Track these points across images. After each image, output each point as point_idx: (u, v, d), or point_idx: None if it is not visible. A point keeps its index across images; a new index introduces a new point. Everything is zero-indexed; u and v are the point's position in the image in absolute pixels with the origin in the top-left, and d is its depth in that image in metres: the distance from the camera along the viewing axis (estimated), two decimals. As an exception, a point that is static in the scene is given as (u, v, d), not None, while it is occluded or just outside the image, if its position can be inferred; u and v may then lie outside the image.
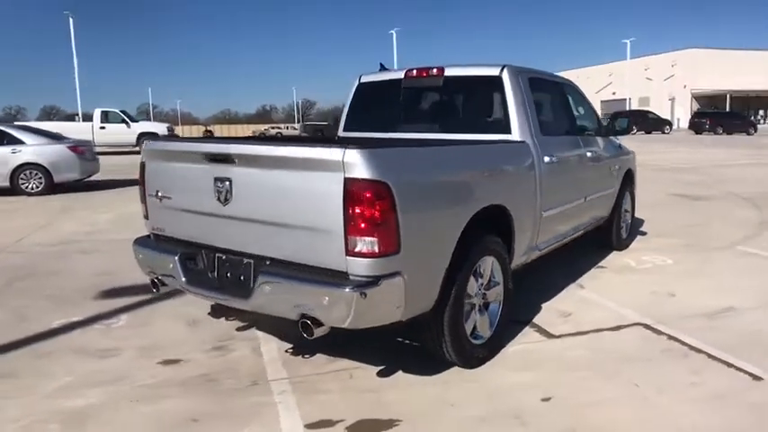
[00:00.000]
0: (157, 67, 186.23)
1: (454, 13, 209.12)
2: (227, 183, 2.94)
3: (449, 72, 4.25)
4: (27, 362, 3.56)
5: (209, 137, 31.91)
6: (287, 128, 67.00)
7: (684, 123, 45.99)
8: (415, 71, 4.43)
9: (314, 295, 2.62)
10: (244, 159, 2.88)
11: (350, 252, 2.55)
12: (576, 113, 5.05)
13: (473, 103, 4.31)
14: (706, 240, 6.73)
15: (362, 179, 2.49)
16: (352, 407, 2.94)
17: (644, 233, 7.04)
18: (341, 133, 4.88)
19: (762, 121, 46.97)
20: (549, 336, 3.87)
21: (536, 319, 4.15)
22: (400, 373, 3.33)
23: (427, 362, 3.36)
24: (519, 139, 3.91)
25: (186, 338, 3.89)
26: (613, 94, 61.95)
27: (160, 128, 26.88)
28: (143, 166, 3.49)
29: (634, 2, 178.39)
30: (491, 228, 3.42)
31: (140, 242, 3.59)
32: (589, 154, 5.00)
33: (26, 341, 3.87)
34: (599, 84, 63.01)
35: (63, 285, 5.16)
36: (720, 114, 40.60)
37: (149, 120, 55.00)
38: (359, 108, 4.81)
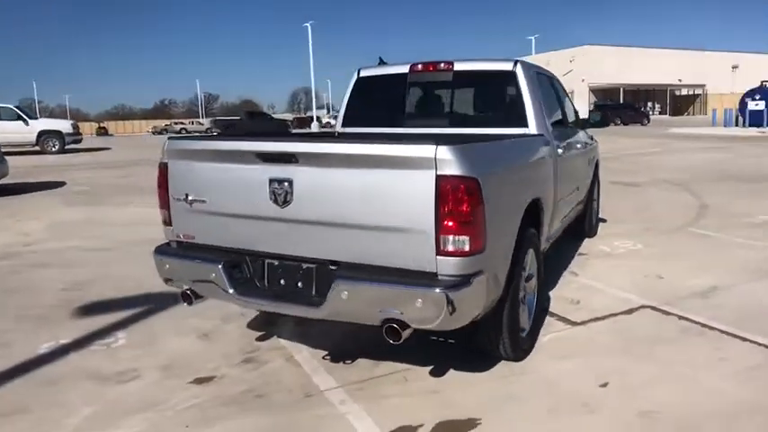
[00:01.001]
0: (43, 59, 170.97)
1: (360, 11, 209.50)
2: (286, 183, 2.74)
3: (459, 67, 4.24)
4: (34, 393, 3.15)
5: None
6: (191, 123, 64.14)
7: (583, 115, 49.16)
8: (421, 65, 4.38)
9: (406, 298, 2.52)
10: (310, 158, 2.70)
11: (441, 251, 2.48)
12: (565, 106, 5.23)
13: (486, 97, 4.33)
14: (660, 224, 7.24)
15: (456, 176, 2.41)
16: (424, 410, 2.87)
17: (604, 220, 7.44)
18: (339, 129, 4.72)
19: (651, 112, 51.21)
20: (573, 323, 3.99)
21: (552, 308, 4.26)
22: (452, 371, 3.29)
23: (468, 359, 3.36)
24: (537, 132, 3.98)
25: (206, 354, 3.61)
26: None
27: (64, 125, 24.79)
28: (164, 166, 3.18)
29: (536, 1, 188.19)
30: (529, 221, 3.46)
31: (166, 251, 3.27)
32: (579, 145, 5.20)
33: (21, 369, 3.42)
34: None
35: (30, 304, 4.61)
36: (617, 106, 43.83)
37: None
38: (359, 103, 4.67)
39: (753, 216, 7.55)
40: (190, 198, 3.08)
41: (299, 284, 2.91)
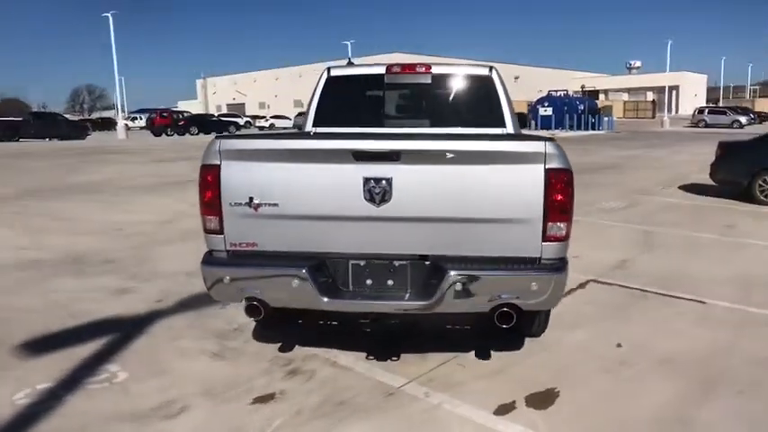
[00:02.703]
0: None
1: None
2: (385, 182, 2.71)
3: (436, 70, 4.48)
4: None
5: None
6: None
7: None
8: (398, 67, 4.51)
9: (522, 283, 2.70)
10: (415, 156, 2.71)
11: (546, 237, 2.72)
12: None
13: (465, 99, 4.61)
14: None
15: (559, 168, 2.68)
16: (504, 389, 3.08)
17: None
18: (310, 128, 4.60)
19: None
20: (551, 299, 4.52)
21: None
22: (494, 353, 3.54)
23: (487, 340, 3.62)
24: (512, 131, 4.41)
25: (240, 373, 3.32)
26: (329, 92, 66.74)
27: None
28: (214, 169, 2.86)
29: (353, 6, 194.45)
30: None
31: (223, 262, 2.93)
32: None
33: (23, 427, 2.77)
34: (315, 82, 66.99)
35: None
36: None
37: None
38: (332, 102, 4.61)
39: (598, 203, 9.05)
40: (256, 202, 2.83)
41: (390, 282, 2.89)
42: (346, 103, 4.67)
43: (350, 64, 4.84)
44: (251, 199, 2.83)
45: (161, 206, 9.23)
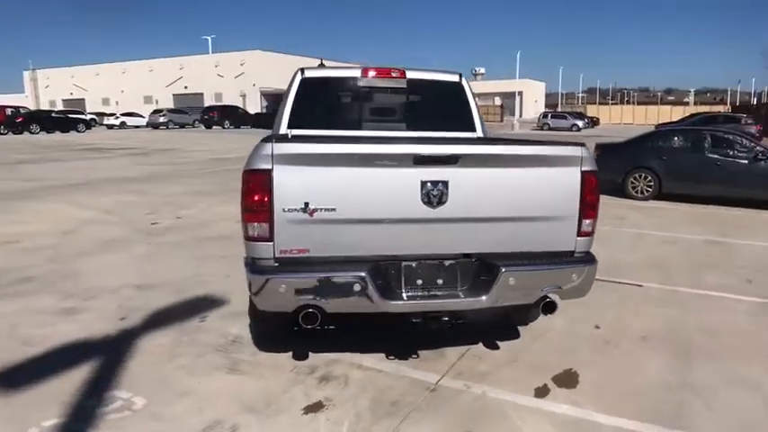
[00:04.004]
0: None
1: None
2: (441, 185, 2.81)
3: (410, 75, 4.62)
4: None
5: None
6: None
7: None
8: (373, 71, 4.58)
9: (565, 275, 2.97)
10: (471, 160, 2.83)
11: (580, 233, 3.03)
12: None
13: (438, 104, 4.78)
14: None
15: (591, 171, 3.00)
16: (528, 373, 3.37)
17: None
18: (284, 130, 4.49)
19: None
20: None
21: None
22: (500, 343, 3.80)
23: (483, 333, 3.91)
24: (482, 135, 4.72)
25: (270, 385, 3.21)
26: (185, 88, 62.99)
27: None
28: (267, 174, 2.73)
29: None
30: None
31: (276, 270, 2.78)
32: None
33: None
34: (170, 77, 62.88)
35: None
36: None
37: None
38: (307, 104, 4.53)
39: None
40: (311, 207, 2.76)
41: (440, 281, 2.99)
42: (322, 105, 4.63)
43: (321, 66, 4.78)
44: (306, 204, 2.76)
45: (54, 213, 8.22)
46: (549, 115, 46.96)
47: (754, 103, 60.53)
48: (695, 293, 4.89)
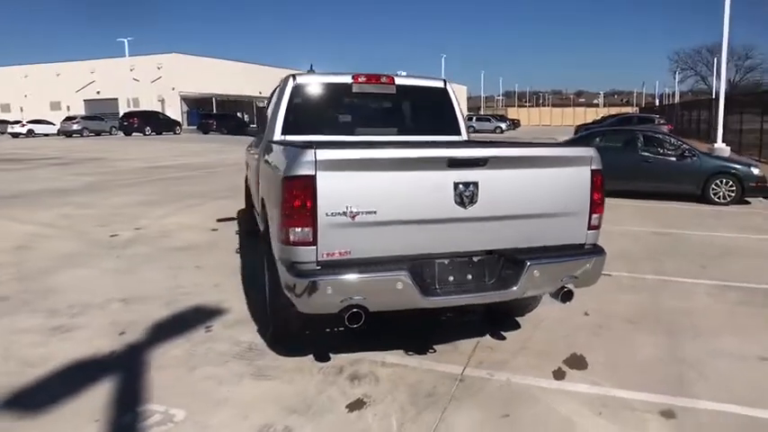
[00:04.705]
0: None
1: None
2: (472, 186, 3.00)
3: (399, 81, 4.80)
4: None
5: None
6: None
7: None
8: (363, 77, 4.71)
9: (580, 266, 3.24)
10: (498, 162, 3.04)
11: (590, 227, 3.32)
12: None
13: (426, 109, 4.97)
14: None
15: (598, 170, 3.30)
16: (540, 359, 3.63)
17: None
18: (279, 137, 4.51)
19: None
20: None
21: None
22: (506, 334, 4.05)
23: (493, 322, 4.19)
24: (466, 138, 4.98)
25: (304, 387, 3.27)
26: (98, 93, 59.65)
27: None
28: (310, 180, 2.80)
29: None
30: None
31: (322, 272, 2.85)
32: None
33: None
34: (79, 82, 59.28)
35: None
36: (222, 116, 45.80)
37: None
38: (300, 110, 4.59)
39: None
40: (353, 211, 2.86)
41: (469, 277, 3.17)
42: (316, 111, 4.70)
43: (311, 72, 4.84)
44: (348, 208, 2.86)
45: (-3, 230, 7.66)
46: (474, 118, 48.66)
47: (658, 104, 65.71)
48: (661, 279, 5.39)
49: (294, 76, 4.64)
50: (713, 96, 39.72)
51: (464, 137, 4.96)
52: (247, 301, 4.68)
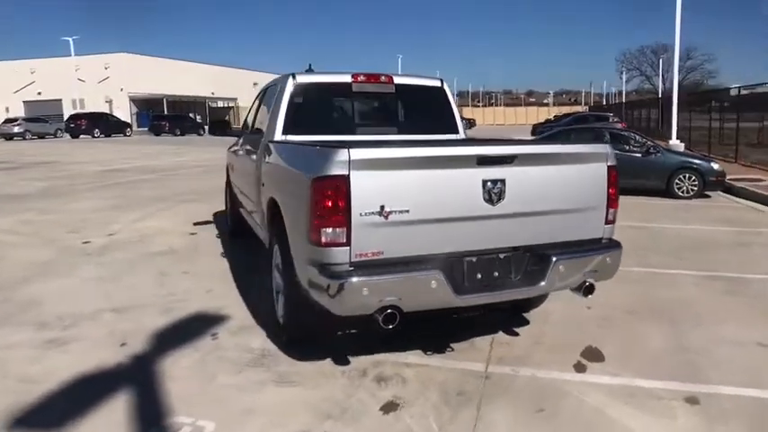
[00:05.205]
0: None
1: None
2: (500, 183, 3.02)
3: (398, 80, 4.78)
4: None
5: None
6: None
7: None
8: (363, 76, 4.67)
9: (601, 260, 3.30)
10: (524, 159, 3.06)
11: (607, 221, 3.40)
12: None
13: (425, 108, 4.95)
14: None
15: (613, 166, 3.38)
16: (558, 353, 3.69)
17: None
18: (280, 137, 4.41)
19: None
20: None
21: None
22: (518, 330, 4.10)
23: (502, 320, 4.26)
24: (464, 137, 5.01)
25: (331, 392, 3.20)
26: (39, 94, 56.87)
27: None
28: (344, 180, 2.74)
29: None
30: None
31: (357, 273, 2.79)
32: None
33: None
34: (18, 82, 56.33)
35: None
36: (176, 117, 44.49)
37: None
38: (300, 109, 4.50)
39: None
40: (387, 210, 2.82)
41: (496, 273, 3.18)
42: (316, 110, 4.63)
43: (310, 70, 4.75)
44: (382, 207, 2.82)
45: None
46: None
47: (605, 103, 68.10)
48: (648, 272, 5.57)
49: (294, 75, 4.54)
50: (659, 95, 41.58)
51: (462, 135, 4.98)
52: (248, 307, 4.55)
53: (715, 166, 10.55)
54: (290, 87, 4.45)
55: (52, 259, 6.16)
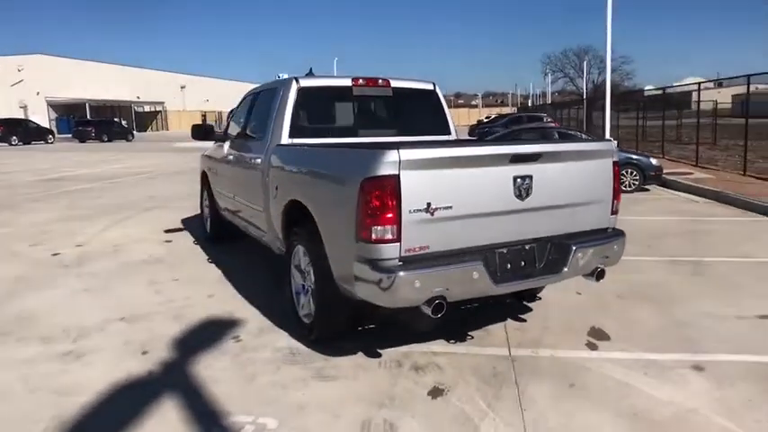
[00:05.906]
0: None
1: None
2: (528, 179, 3.28)
3: (394, 84, 4.98)
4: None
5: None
6: None
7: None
8: (362, 80, 4.84)
9: (611, 247, 3.64)
10: (549, 156, 3.34)
11: (612, 212, 3.75)
12: None
13: (420, 110, 5.16)
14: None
15: (616, 161, 3.74)
16: (568, 335, 4.02)
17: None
18: (286, 140, 4.50)
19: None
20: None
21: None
22: (523, 316, 4.39)
23: (507, 307, 4.55)
24: (455, 137, 5.28)
25: (375, 384, 3.36)
26: (-63, 99, 52.44)
27: None
28: (394, 179, 2.91)
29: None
30: None
31: (407, 268, 2.95)
32: None
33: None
34: None
35: None
36: (102, 122, 42.28)
37: None
38: (304, 113, 4.61)
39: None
40: (433, 207, 3.01)
41: (522, 263, 3.44)
42: (320, 114, 4.75)
43: (310, 74, 4.84)
44: (428, 204, 3.01)
45: None
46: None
47: (531, 104, 70.94)
48: (625, 260, 6.02)
49: (296, 78, 4.64)
50: (583, 96, 43.89)
51: (454, 136, 5.24)
52: (259, 310, 4.59)
53: (653, 161, 11.45)
54: (293, 91, 4.55)
55: (27, 273, 5.88)
